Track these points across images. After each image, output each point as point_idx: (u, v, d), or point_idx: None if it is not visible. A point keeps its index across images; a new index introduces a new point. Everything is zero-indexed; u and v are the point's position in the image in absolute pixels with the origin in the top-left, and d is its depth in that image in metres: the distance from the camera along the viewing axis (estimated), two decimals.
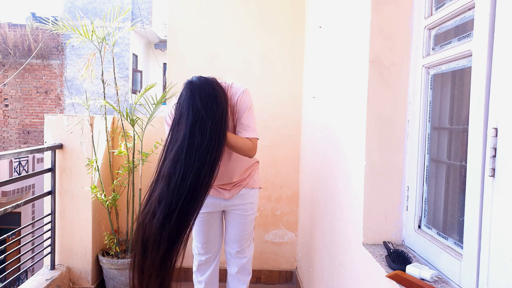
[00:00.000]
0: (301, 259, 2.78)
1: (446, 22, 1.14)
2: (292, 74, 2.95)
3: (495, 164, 0.85)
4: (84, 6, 10.49)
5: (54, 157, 2.58)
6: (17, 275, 2.32)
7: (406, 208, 1.33)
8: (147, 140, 2.81)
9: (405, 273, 1.07)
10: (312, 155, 2.48)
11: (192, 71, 2.99)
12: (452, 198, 1.17)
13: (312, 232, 2.36)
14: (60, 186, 2.62)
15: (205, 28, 2.95)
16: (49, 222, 2.58)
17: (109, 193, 2.80)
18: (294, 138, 2.96)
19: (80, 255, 2.67)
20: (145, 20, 11.10)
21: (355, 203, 1.46)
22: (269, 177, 2.97)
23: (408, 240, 1.31)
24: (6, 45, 10.63)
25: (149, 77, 12.72)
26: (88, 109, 2.70)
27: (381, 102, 1.34)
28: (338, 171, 1.76)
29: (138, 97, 2.84)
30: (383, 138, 1.35)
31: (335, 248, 1.78)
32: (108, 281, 2.71)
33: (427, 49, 1.24)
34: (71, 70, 10.80)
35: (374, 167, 1.35)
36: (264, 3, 2.93)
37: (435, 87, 1.22)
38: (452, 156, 1.18)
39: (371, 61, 1.34)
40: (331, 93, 1.96)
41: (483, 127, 0.90)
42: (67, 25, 2.72)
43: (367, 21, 1.35)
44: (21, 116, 11.01)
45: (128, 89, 10.68)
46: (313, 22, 2.58)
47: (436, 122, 1.23)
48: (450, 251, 1.05)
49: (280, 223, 3.01)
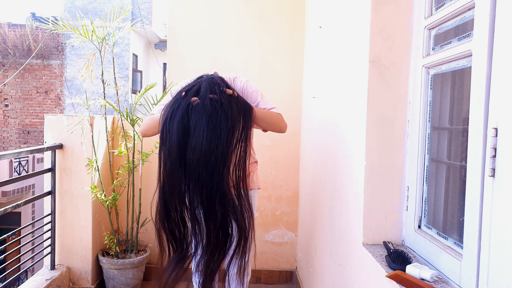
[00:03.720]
0: (301, 259, 2.78)
1: (446, 22, 1.14)
2: (292, 74, 2.95)
3: (495, 164, 0.85)
4: (84, 6, 10.49)
5: (54, 157, 2.58)
6: (17, 275, 2.32)
7: (406, 208, 1.33)
8: (147, 140, 2.81)
9: (405, 273, 1.07)
10: (312, 155, 2.48)
11: (192, 71, 3.00)
12: (452, 198, 1.17)
13: (312, 232, 2.36)
14: (60, 186, 2.62)
15: (205, 28, 2.95)
16: (49, 222, 2.58)
17: (109, 193, 2.80)
18: (294, 138, 2.96)
19: (80, 255, 2.66)
20: (145, 20, 11.10)
21: (355, 203, 1.46)
22: (269, 177, 2.97)
23: (408, 240, 1.31)
24: (6, 45, 10.62)
25: (149, 77, 12.72)
26: (88, 109, 2.70)
27: (381, 102, 1.34)
28: (338, 171, 1.76)
29: (138, 97, 2.84)
30: (383, 138, 1.35)
31: (335, 248, 1.78)
32: (108, 281, 2.71)
33: (427, 49, 1.24)
34: (71, 70, 10.80)
35: (374, 167, 1.35)
36: (264, 3, 2.93)
37: (435, 87, 1.22)
38: (452, 156, 1.18)
39: (371, 61, 1.34)
40: (331, 93, 1.96)
41: (483, 127, 0.90)
42: (67, 25, 2.72)
43: (367, 21, 1.35)
44: (21, 116, 11.01)
45: (128, 89, 10.68)
46: (313, 22, 2.58)
47: (436, 122, 1.23)
48: (450, 251, 1.05)
49: (280, 223, 3.01)
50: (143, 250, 2.88)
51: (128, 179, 2.80)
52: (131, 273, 2.69)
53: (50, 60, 10.91)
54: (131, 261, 2.67)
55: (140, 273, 2.77)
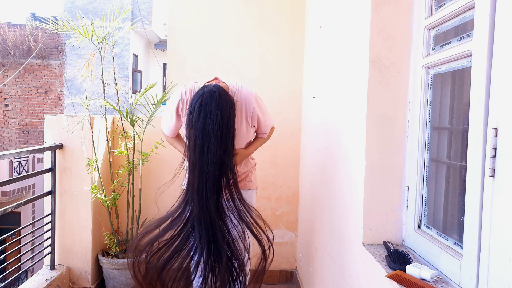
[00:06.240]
0: (301, 259, 2.78)
1: (446, 22, 1.14)
2: (292, 74, 2.95)
3: (495, 164, 0.85)
4: (84, 6, 10.49)
5: (54, 157, 2.58)
6: (17, 275, 2.32)
7: (406, 208, 1.33)
8: (147, 140, 2.81)
9: (405, 273, 1.07)
10: (312, 155, 2.48)
11: (192, 71, 3.00)
12: (452, 198, 1.17)
13: (312, 232, 2.36)
14: (60, 186, 2.62)
15: (205, 28, 2.95)
16: (49, 222, 2.58)
17: (109, 193, 2.80)
18: (294, 138, 2.96)
19: (80, 255, 2.66)
20: (145, 20, 11.10)
21: (355, 203, 1.46)
22: (269, 177, 2.97)
23: (408, 240, 1.31)
24: (6, 45, 10.62)
25: (149, 77, 12.72)
26: (88, 109, 2.70)
27: (381, 102, 1.34)
28: (338, 171, 1.76)
29: (138, 97, 2.84)
30: (383, 138, 1.35)
31: (335, 248, 1.78)
32: (108, 281, 2.71)
33: (427, 49, 1.24)
34: (71, 70, 10.80)
35: (374, 167, 1.35)
36: (264, 3, 2.93)
37: (435, 87, 1.22)
38: (452, 156, 1.18)
39: (371, 61, 1.34)
40: (331, 93, 1.96)
41: (483, 127, 0.90)
42: (67, 25, 2.71)
43: (367, 21, 1.35)
44: (21, 116, 11.01)
45: (128, 89, 10.68)
46: (313, 22, 2.58)
47: (436, 122, 1.23)
48: (450, 251, 1.05)
49: (280, 223, 3.01)
50: None
51: (128, 179, 2.80)
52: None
53: (50, 60, 10.91)
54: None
55: None
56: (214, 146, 1.48)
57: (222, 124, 1.50)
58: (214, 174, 1.49)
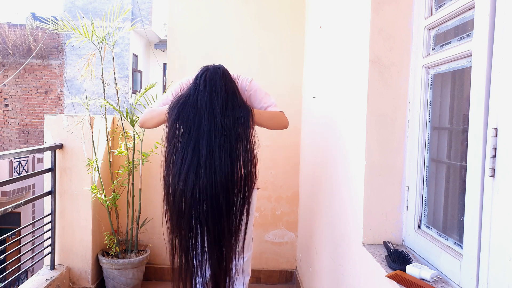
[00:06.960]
0: (301, 259, 2.78)
1: (446, 22, 1.14)
2: (292, 74, 2.95)
3: (495, 164, 0.85)
4: (84, 6, 10.49)
5: (54, 157, 2.58)
6: (17, 275, 2.32)
7: (406, 208, 1.33)
8: (147, 140, 2.81)
9: (405, 273, 1.07)
10: (312, 155, 2.48)
11: (192, 71, 2.98)
12: (452, 198, 1.17)
13: (312, 232, 2.36)
14: (60, 186, 2.62)
15: (205, 28, 2.95)
16: (49, 222, 2.58)
17: (109, 193, 2.80)
18: (294, 138, 2.96)
19: (80, 255, 2.66)
20: (145, 20, 11.10)
21: (355, 203, 1.46)
22: (269, 177, 2.97)
23: (408, 240, 1.31)
24: (6, 45, 10.62)
25: (149, 77, 12.72)
26: (88, 109, 2.70)
27: (381, 102, 1.34)
28: (338, 171, 1.76)
29: (138, 97, 2.84)
30: (383, 138, 1.35)
31: (335, 248, 1.78)
32: (108, 281, 2.71)
33: (427, 49, 1.24)
34: (71, 70, 10.79)
35: (374, 167, 1.35)
36: (264, 3, 2.93)
37: (435, 87, 1.22)
38: (452, 156, 1.18)
39: (371, 61, 1.34)
40: (331, 93, 1.96)
41: (483, 127, 0.90)
42: (67, 25, 2.71)
43: (367, 21, 1.35)
44: (21, 116, 11.01)
45: (128, 89, 10.68)
46: (313, 22, 2.58)
47: (436, 122, 1.23)
48: (450, 251, 1.05)
49: (280, 223, 3.01)
50: (143, 250, 2.88)
51: (128, 179, 2.80)
52: (131, 273, 2.69)
53: (50, 60, 10.91)
54: (131, 261, 2.67)
55: (140, 273, 2.77)
56: (221, 117, 1.56)
57: (227, 97, 1.59)
58: (220, 146, 1.55)
